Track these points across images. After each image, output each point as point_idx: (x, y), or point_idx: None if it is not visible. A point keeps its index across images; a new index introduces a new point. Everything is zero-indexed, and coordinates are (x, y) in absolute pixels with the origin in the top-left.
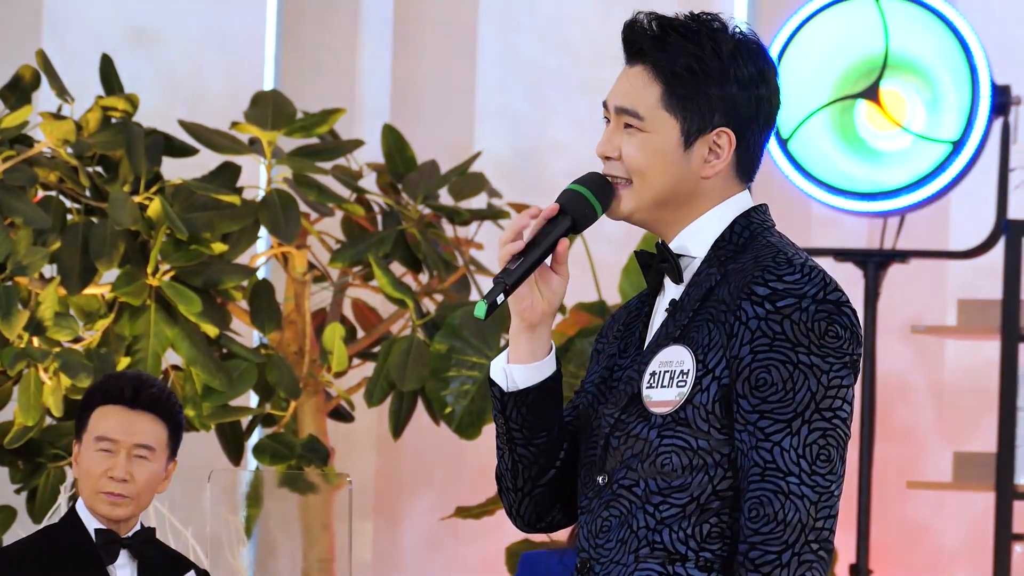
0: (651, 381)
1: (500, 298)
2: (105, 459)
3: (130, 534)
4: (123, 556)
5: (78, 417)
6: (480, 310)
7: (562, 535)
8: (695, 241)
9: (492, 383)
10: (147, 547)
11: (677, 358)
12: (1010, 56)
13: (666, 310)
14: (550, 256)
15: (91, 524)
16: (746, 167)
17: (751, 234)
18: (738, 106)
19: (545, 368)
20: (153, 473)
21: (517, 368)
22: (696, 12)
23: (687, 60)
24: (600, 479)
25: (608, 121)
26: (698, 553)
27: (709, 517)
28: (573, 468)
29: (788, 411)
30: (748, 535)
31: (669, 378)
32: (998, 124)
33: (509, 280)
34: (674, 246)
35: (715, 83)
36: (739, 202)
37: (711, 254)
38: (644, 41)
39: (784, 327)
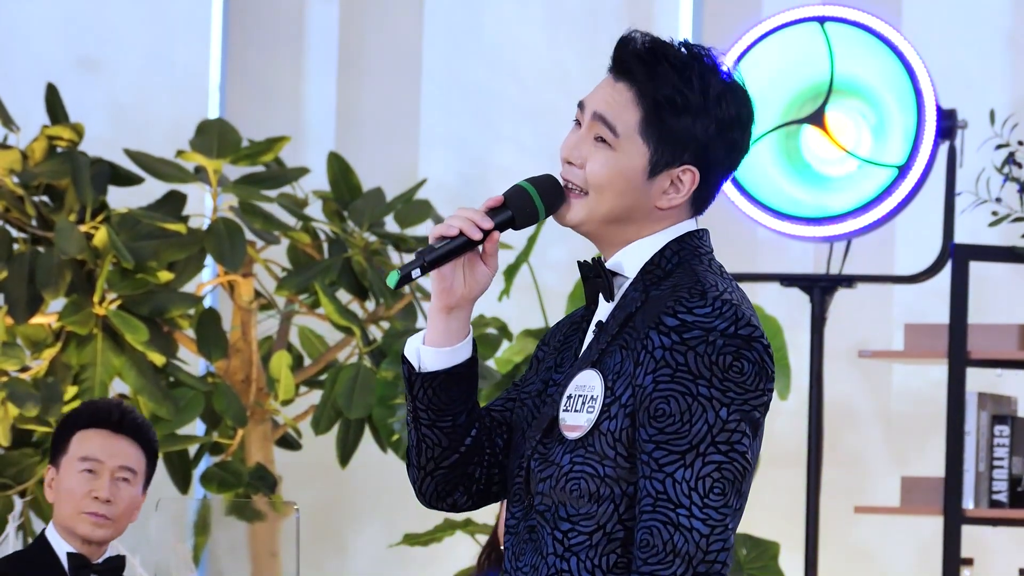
0: (567, 404)
1: (416, 272)
2: (89, 480)
3: (100, 560)
4: None
5: (55, 442)
6: (392, 279)
7: None
8: (629, 261)
9: (404, 359)
10: (115, 574)
11: (589, 383)
12: (956, 80)
13: (592, 331)
14: (481, 244)
15: (62, 549)
16: (700, 204)
17: (680, 260)
18: (710, 148)
19: (458, 354)
20: (133, 498)
21: (428, 350)
22: (690, 42)
23: (671, 92)
24: (524, 502)
25: (577, 123)
26: None
27: (616, 547)
28: (481, 457)
29: (683, 443)
30: (638, 565)
31: (582, 403)
32: (944, 148)
33: (428, 257)
34: (610, 264)
35: (692, 120)
36: (678, 229)
37: (639, 276)
38: (634, 63)
39: (688, 358)
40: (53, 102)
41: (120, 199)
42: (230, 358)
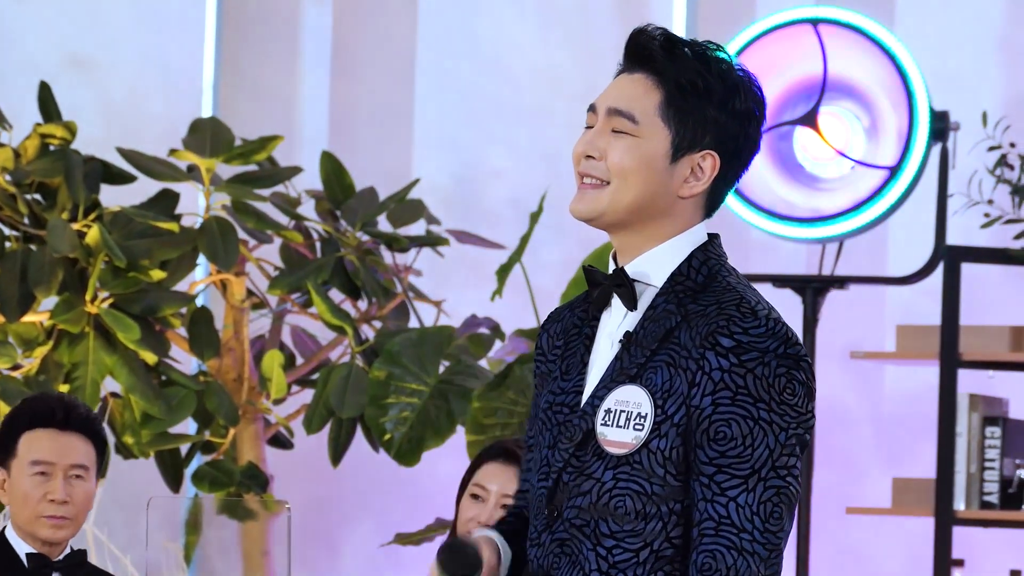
0: (606, 419)
1: None
2: (42, 483)
3: (61, 557)
4: None
5: (2, 443)
6: None
7: None
8: (653, 269)
9: None
10: (78, 570)
11: (634, 399)
12: (948, 82)
13: (620, 341)
14: None
15: (22, 549)
16: (715, 200)
17: (709, 271)
18: (728, 136)
19: None
20: (88, 492)
21: None
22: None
23: (692, 75)
24: (551, 514)
25: (589, 126)
26: None
27: (663, 565)
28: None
29: (746, 467)
30: None
31: (625, 419)
32: (936, 150)
33: None
34: (631, 271)
35: (713, 106)
36: (696, 234)
37: (668, 287)
38: (654, 48)
39: (747, 381)
40: (46, 100)
41: (112, 197)
42: (222, 357)
